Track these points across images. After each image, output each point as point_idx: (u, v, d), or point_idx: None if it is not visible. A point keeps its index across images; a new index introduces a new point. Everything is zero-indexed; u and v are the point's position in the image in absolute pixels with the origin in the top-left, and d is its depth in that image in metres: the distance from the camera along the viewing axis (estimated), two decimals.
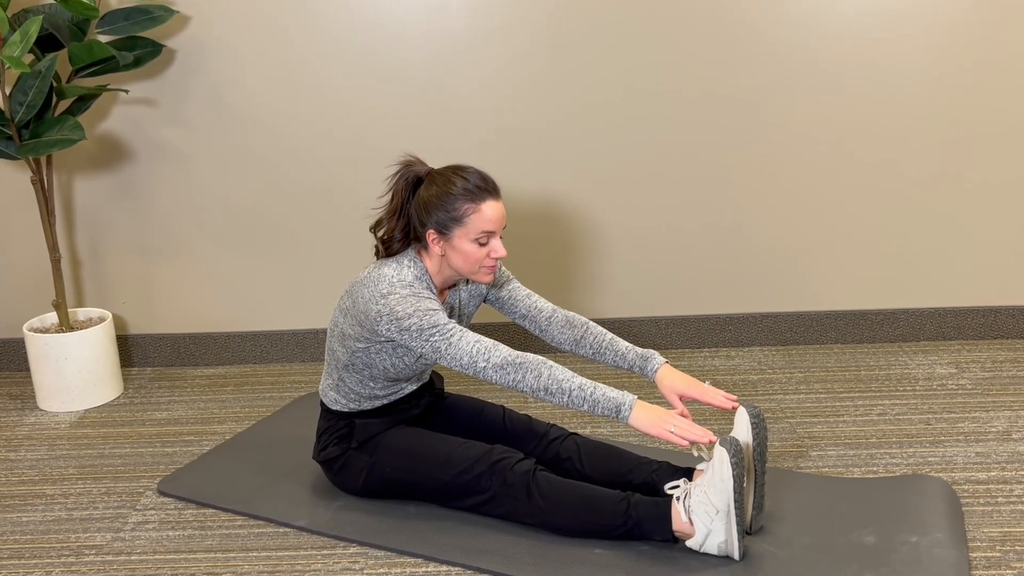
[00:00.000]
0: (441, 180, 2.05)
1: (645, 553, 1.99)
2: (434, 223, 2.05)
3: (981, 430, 2.54)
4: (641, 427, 1.94)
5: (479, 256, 2.05)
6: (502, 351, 1.98)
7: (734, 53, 2.94)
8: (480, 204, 2.03)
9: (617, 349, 2.18)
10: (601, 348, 2.19)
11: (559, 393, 1.95)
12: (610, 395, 1.95)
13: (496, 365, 1.97)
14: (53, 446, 2.65)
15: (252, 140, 3.01)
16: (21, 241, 3.10)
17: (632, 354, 2.17)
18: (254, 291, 3.15)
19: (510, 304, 2.27)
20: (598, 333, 2.21)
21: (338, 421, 2.22)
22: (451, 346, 1.99)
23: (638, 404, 1.95)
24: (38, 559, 2.10)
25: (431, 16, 2.90)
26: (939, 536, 2.00)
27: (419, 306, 2.01)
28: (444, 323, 2.01)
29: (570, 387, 1.95)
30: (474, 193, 2.03)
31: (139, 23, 2.76)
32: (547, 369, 1.96)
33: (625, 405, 1.94)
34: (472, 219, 2.02)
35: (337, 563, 2.04)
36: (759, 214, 3.08)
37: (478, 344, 1.99)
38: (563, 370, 1.97)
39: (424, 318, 2.00)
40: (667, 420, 1.94)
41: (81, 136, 2.61)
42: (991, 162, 3.03)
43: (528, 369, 1.96)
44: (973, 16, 2.90)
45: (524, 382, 1.96)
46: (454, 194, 2.03)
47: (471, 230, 2.03)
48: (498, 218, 2.05)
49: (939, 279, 3.14)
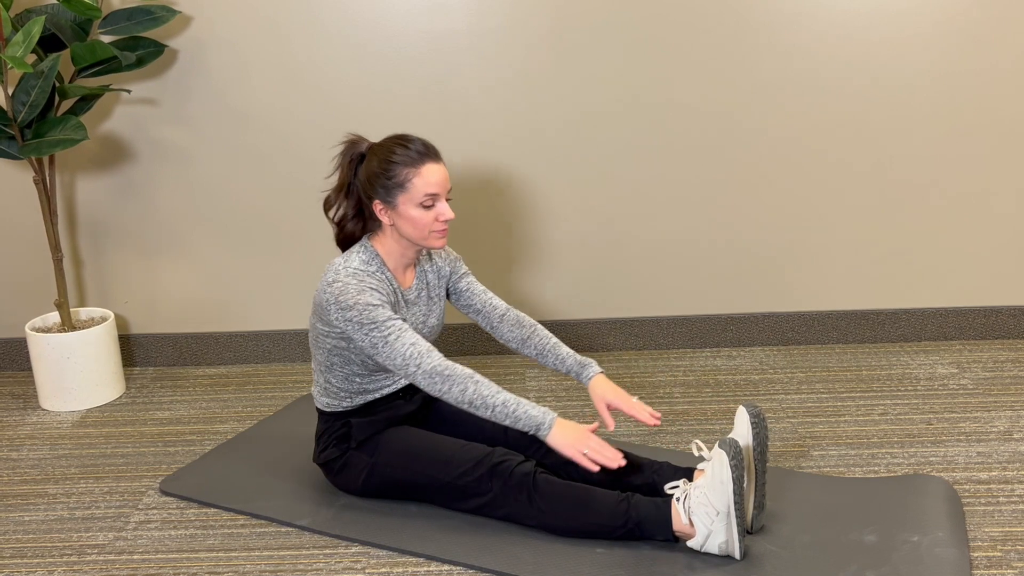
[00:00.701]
0: (381, 151, 2.10)
1: (646, 553, 1.99)
2: (379, 193, 2.09)
3: (982, 430, 2.54)
4: (557, 446, 2.01)
5: (427, 220, 2.09)
6: (434, 359, 2.03)
7: (735, 52, 2.94)
8: (420, 168, 2.07)
9: (559, 353, 2.27)
10: (544, 351, 2.28)
11: (483, 408, 2.02)
12: (532, 413, 2.01)
13: (426, 372, 2.03)
14: (55, 445, 2.65)
15: (254, 140, 3.01)
16: (23, 241, 3.10)
17: (571, 360, 2.26)
18: (256, 291, 3.15)
19: (467, 297, 2.32)
20: (544, 336, 2.29)
21: (335, 422, 2.22)
22: (387, 345, 2.04)
23: (557, 423, 2.02)
24: (40, 558, 2.10)
25: (432, 16, 2.90)
26: (940, 535, 2.00)
27: (360, 298, 2.04)
28: (383, 320, 2.04)
29: (494, 403, 2.01)
30: (414, 158, 2.07)
31: (141, 23, 2.76)
32: (473, 384, 2.02)
33: (545, 424, 2.01)
34: (415, 183, 2.06)
35: (339, 563, 2.04)
36: (761, 214, 3.08)
37: (413, 348, 2.03)
38: (489, 385, 2.03)
39: (364, 312, 2.04)
40: (582, 441, 2.01)
41: (83, 136, 2.61)
42: (993, 162, 3.03)
43: (455, 382, 2.02)
44: (974, 17, 2.90)
45: (450, 394, 2.02)
46: (395, 162, 2.07)
47: (415, 195, 2.06)
48: (440, 181, 2.09)
49: (940, 279, 3.14)
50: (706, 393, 2.84)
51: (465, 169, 3.04)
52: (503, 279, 3.14)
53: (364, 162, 2.13)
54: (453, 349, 3.20)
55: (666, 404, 2.77)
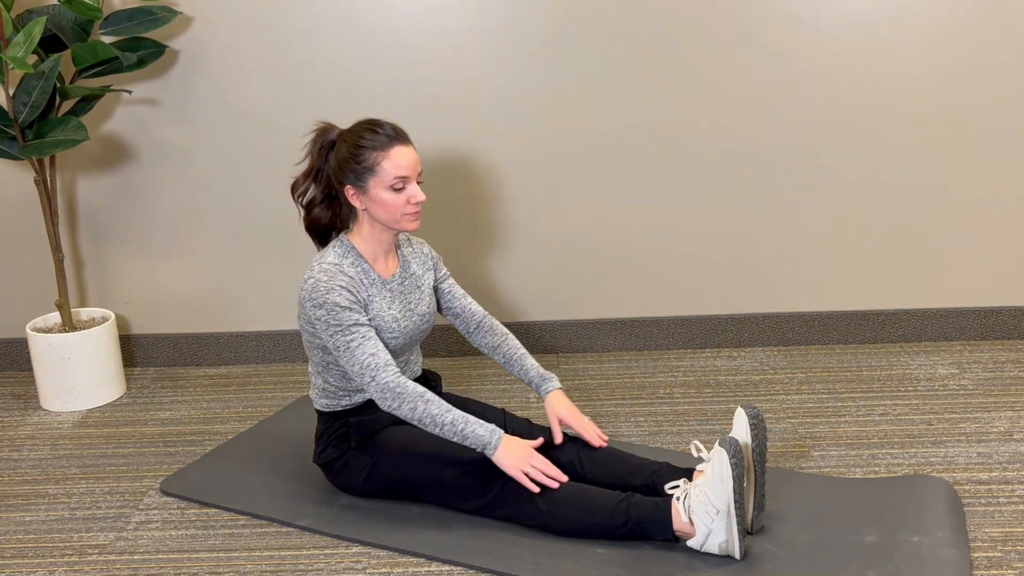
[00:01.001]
0: (351, 137, 2.13)
1: (646, 553, 1.99)
2: (350, 178, 2.11)
3: (983, 430, 2.54)
4: (502, 465, 2.06)
5: (399, 203, 2.11)
6: (388, 374, 2.06)
7: (735, 53, 2.94)
8: (389, 151, 2.09)
9: (524, 365, 2.31)
10: (511, 360, 2.32)
11: (432, 425, 2.06)
12: (479, 432, 2.05)
13: (379, 385, 2.06)
14: (56, 446, 2.65)
15: (254, 140, 3.02)
16: (24, 241, 3.10)
17: (534, 372, 2.30)
18: (257, 291, 3.15)
19: (447, 299, 2.36)
20: (513, 346, 2.34)
21: (334, 422, 2.23)
22: (348, 350, 2.07)
23: (503, 443, 2.06)
24: (41, 558, 2.10)
25: (432, 16, 2.90)
26: (941, 536, 2.00)
27: (328, 297, 2.07)
28: (349, 324, 2.07)
29: (442, 421, 2.05)
30: (383, 142, 2.10)
31: (142, 24, 2.76)
32: (423, 404, 2.06)
33: (491, 444, 2.05)
34: (384, 166, 2.09)
35: (339, 563, 2.04)
36: (761, 215, 3.09)
37: (372, 359, 2.06)
38: (438, 404, 2.06)
39: (331, 312, 2.07)
40: (524, 462, 2.05)
41: (84, 136, 2.62)
42: (993, 163, 3.03)
43: (405, 399, 2.06)
44: (975, 17, 2.90)
45: (400, 410, 2.06)
46: (364, 146, 2.09)
47: (385, 178, 2.09)
48: (410, 163, 2.11)
49: (941, 280, 3.14)
50: (706, 393, 2.84)
51: (464, 169, 3.04)
52: (502, 279, 3.14)
53: (334, 149, 2.15)
54: (454, 350, 3.20)
55: (667, 405, 2.77)
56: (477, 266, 3.13)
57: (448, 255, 3.12)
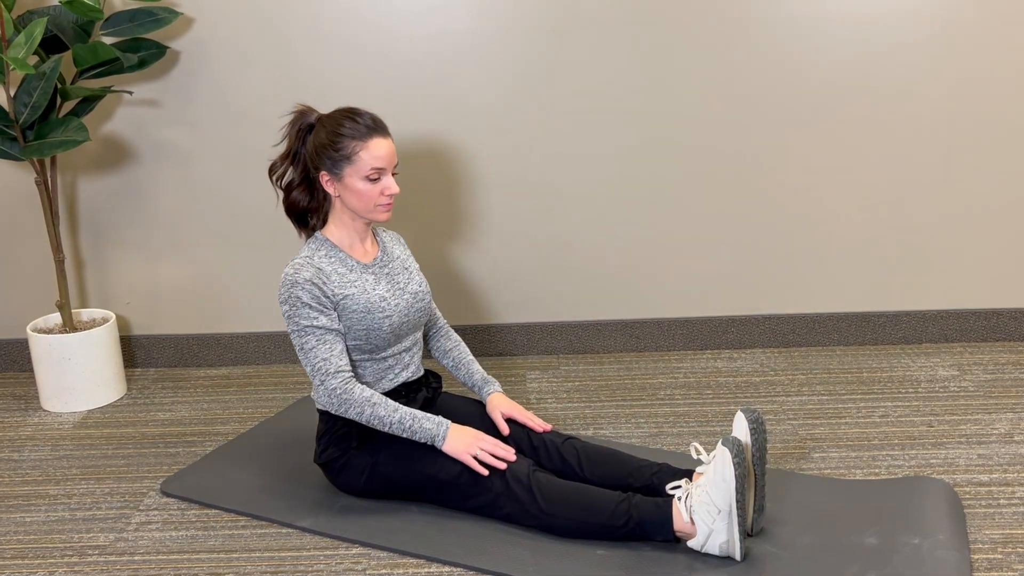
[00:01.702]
0: (330, 123, 2.14)
1: (647, 554, 1.99)
2: (326, 165, 2.13)
3: (983, 432, 2.54)
4: (451, 453, 2.11)
5: (373, 194, 2.13)
6: (336, 381, 2.11)
7: (736, 54, 2.94)
8: (368, 142, 2.11)
9: (470, 369, 2.39)
10: (459, 364, 2.40)
11: (381, 427, 2.12)
12: (427, 426, 2.11)
13: (328, 390, 2.11)
14: (56, 446, 2.65)
15: (255, 141, 3.02)
16: (25, 242, 3.11)
17: (478, 376, 2.38)
18: (257, 292, 3.15)
19: None
20: (462, 352, 2.42)
21: (336, 422, 2.22)
22: (303, 350, 2.13)
23: (451, 432, 2.12)
24: (41, 559, 2.10)
25: (432, 17, 2.91)
26: (941, 538, 2.00)
27: (292, 292, 2.11)
28: (305, 324, 2.11)
29: (390, 421, 2.11)
30: (363, 132, 2.11)
31: (143, 25, 2.77)
32: (369, 408, 2.11)
33: (439, 436, 2.11)
34: (361, 156, 2.10)
35: (340, 564, 2.04)
36: (761, 216, 3.09)
37: (324, 363, 2.11)
38: (385, 406, 2.11)
39: (293, 308, 2.11)
40: (472, 446, 2.10)
41: (85, 137, 2.62)
42: (994, 164, 3.04)
43: (351, 405, 2.11)
44: (976, 20, 2.91)
45: (348, 414, 2.12)
46: (343, 134, 2.11)
47: (361, 168, 2.10)
48: (387, 155, 2.13)
49: (941, 281, 3.14)
50: (707, 395, 2.84)
51: (464, 170, 3.04)
52: (501, 281, 3.14)
53: (312, 133, 2.16)
54: None
55: (667, 406, 2.77)
56: (475, 267, 3.13)
57: (447, 257, 3.12)
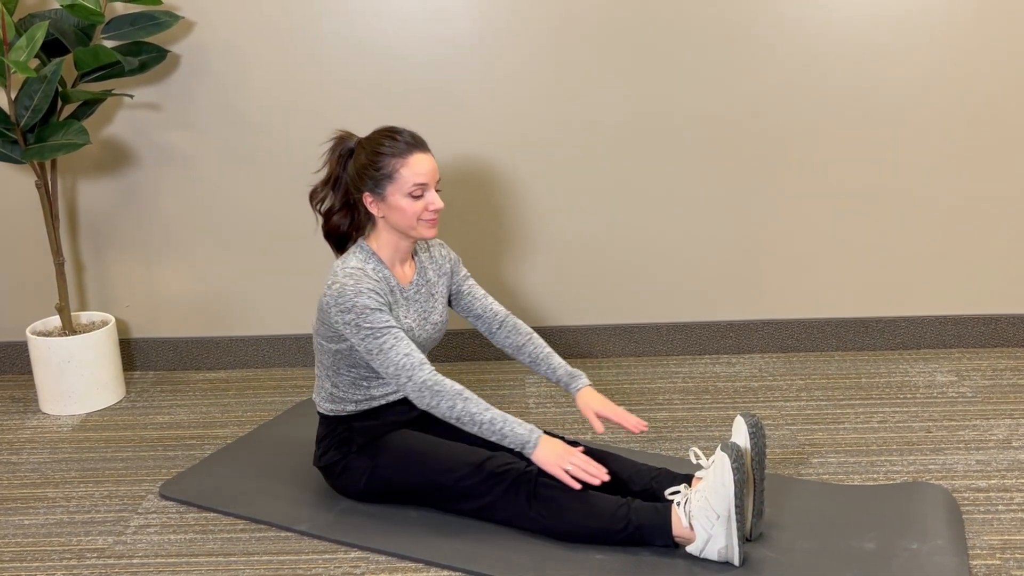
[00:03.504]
0: (370, 144, 2.14)
1: (645, 559, 2.00)
2: (368, 186, 2.12)
3: (981, 438, 2.55)
4: (541, 463, 2.05)
5: (416, 210, 2.12)
6: (424, 372, 2.06)
7: (735, 59, 2.95)
8: (408, 158, 2.10)
9: (551, 363, 2.31)
10: (537, 359, 2.32)
11: (470, 424, 2.06)
12: (518, 431, 2.05)
13: (416, 384, 2.06)
14: (55, 449, 2.65)
15: (256, 144, 3.02)
16: (25, 244, 3.11)
17: (563, 370, 2.30)
18: (257, 295, 3.16)
19: (468, 300, 2.36)
20: (538, 345, 2.33)
21: (337, 426, 2.23)
22: (381, 352, 2.07)
23: (542, 441, 2.06)
24: (40, 562, 2.10)
25: (434, 21, 2.91)
26: (939, 543, 2.00)
27: (358, 300, 2.07)
28: (381, 326, 2.07)
29: (481, 420, 2.05)
30: (402, 149, 2.10)
31: (144, 28, 2.77)
32: (461, 401, 2.05)
33: (531, 442, 2.05)
34: (402, 173, 2.09)
35: (338, 567, 2.04)
36: (760, 221, 3.09)
37: (407, 358, 2.06)
38: (477, 403, 2.06)
39: (361, 315, 2.06)
40: (564, 459, 2.04)
41: (86, 140, 2.62)
42: (992, 170, 3.04)
43: (444, 397, 2.05)
44: (974, 25, 2.91)
45: (438, 408, 2.06)
46: (383, 153, 2.10)
47: (403, 184, 2.09)
48: (429, 171, 2.12)
49: (940, 287, 3.15)
50: (705, 400, 2.84)
51: (464, 172, 3.04)
52: (501, 283, 3.14)
53: (353, 156, 2.16)
54: (452, 355, 3.20)
55: (665, 411, 2.78)
56: (472, 271, 3.13)
57: None
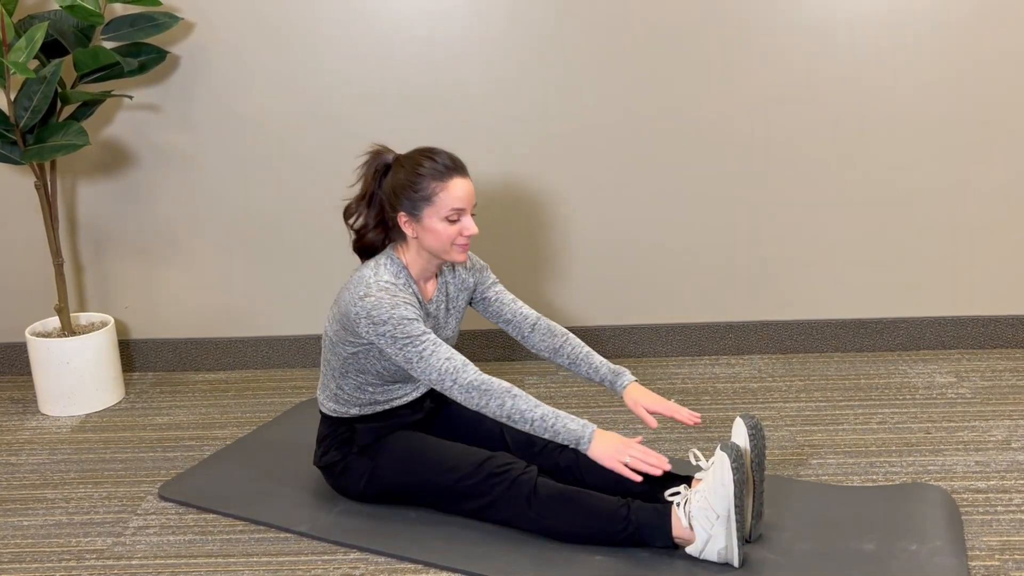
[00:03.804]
0: (409, 163, 2.10)
1: (645, 560, 2.00)
2: (404, 206, 2.09)
3: (980, 439, 2.55)
4: (598, 458, 2.01)
5: (451, 234, 2.08)
6: (470, 373, 2.03)
7: (736, 60, 2.95)
8: (448, 182, 2.06)
9: (592, 362, 2.25)
10: (577, 360, 2.27)
11: (521, 422, 2.02)
12: (571, 426, 2.02)
13: (463, 386, 2.02)
14: (54, 450, 2.65)
15: (255, 146, 3.02)
16: (24, 245, 3.11)
17: (605, 368, 2.24)
18: (256, 296, 3.16)
19: (496, 307, 2.31)
20: (576, 345, 2.27)
21: (339, 427, 2.22)
22: (422, 359, 2.03)
23: (597, 435, 2.02)
24: (39, 563, 2.10)
25: (434, 23, 2.91)
26: (939, 544, 2.00)
27: (395, 313, 2.03)
28: (418, 334, 2.04)
29: (532, 416, 2.01)
30: (442, 172, 2.07)
31: (144, 29, 2.77)
32: (511, 399, 2.02)
33: (584, 438, 2.02)
34: (441, 197, 2.06)
35: (337, 568, 2.04)
36: (759, 222, 3.09)
37: (448, 362, 2.03)
38: (526, 400, 2.03)
39: (399, 327, 2.03)
40: (622, 452, 2.00)
41: (85, 141, 2.62)
42: (991, 171, 3.04)
43: (492, 396, 2.02)
44: (973, 27, 2.91)
45: (488, 408, 2.03)
46: (422, 175, 2.07)
47: (440, 208, 2.06)
48: (467, 195, 2.09)
49: (939, 288, 3.15)
50: (705, 401, 2.84)
51: None
52: None
53: (390, 173, 2.12)
54: None
55: None
56: None
57: None
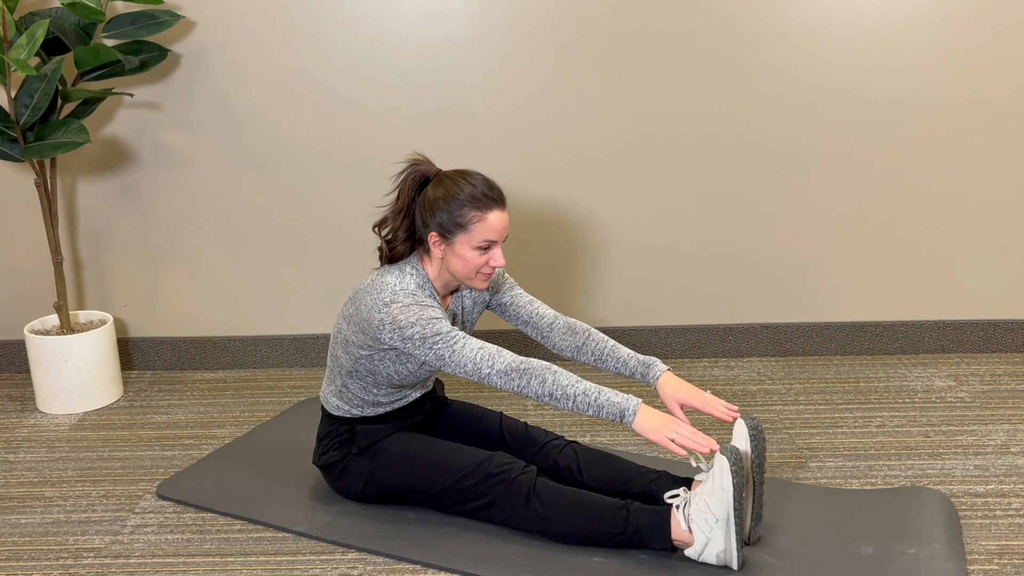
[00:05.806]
0: (449, 183, 2.05)
1: (643, 562, 1.99)
2: (437, 225, 2.05)
3: (979, 443, 2.55)
4: (644, 432, 1.94)
5: (478, 263, 2.06)
6: (506, 357, 1.99)
7: (737, 63, 2.95)
8: (487, 213, 2.03)
9: (619, 356, 2.18)
10: (603, 355, 2.19)
11: (563, 399, 1.95)
12: (614, 400, 1.95)
13: (500, 371, 1.97)
14: (52, 448, 2.65)
15: (255, 145, 3.02)
16: (23, 243, 3.10)
17: (634, 361, 2.16)
18: (255, 295, 3.15)
19: (512, 310, 2.28)
20: (600, 340, 2.21)
21: (339, 426, 2.22)
22: (455, 353, 1.99)
23: (642, 409, 1.95)
24: (36, 561, 2.10)
25: (434, 23, 2.91)
26: (937, 548, 2.00)
27: (422, 315, 2.01)
28: (447, 331, 2.01)
29: (574, 392, 1.95)
30: (481, 201, 2.03)
31: (145, 27, 2.77)
32: (551, 375, 1.96)
33: (629, 410, 1.94)
34: (477, 227, 2.03)
35: (335, 569, 2.04)
36: (760, 225, 3.09)
37: (482, 351, 1.99)
38: (567, 375, 1.97)
39: (427, 327, 2.00)
40: (669, 427, 1.93)
41: (85, 139, 2.62)
42: (992, 175, 3.04)
43: (533, 375, 1.96)
44: (976, 29, 2.92)
45: (529, 388, 1.97)
46: (461, 199, 2.03)
47: (474, 237, 2.03)
48: (502, 228, 2.05)
49: (939, 292, 3.15)
50: None
51: None
52: None
53: (428, 188, 2.08)
54: None
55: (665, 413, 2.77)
56: None
57: None
